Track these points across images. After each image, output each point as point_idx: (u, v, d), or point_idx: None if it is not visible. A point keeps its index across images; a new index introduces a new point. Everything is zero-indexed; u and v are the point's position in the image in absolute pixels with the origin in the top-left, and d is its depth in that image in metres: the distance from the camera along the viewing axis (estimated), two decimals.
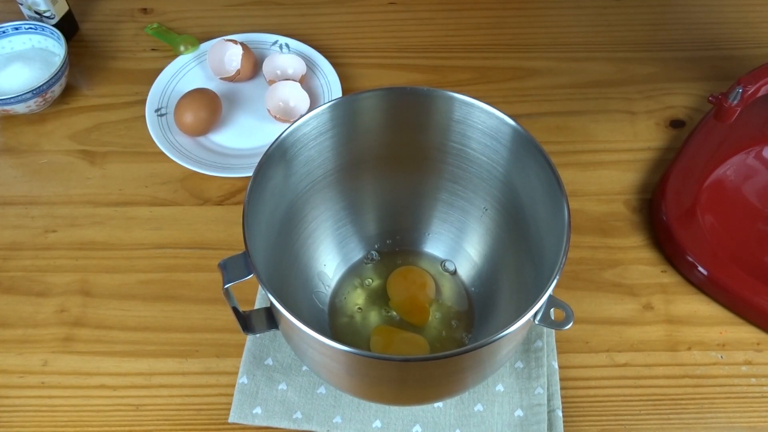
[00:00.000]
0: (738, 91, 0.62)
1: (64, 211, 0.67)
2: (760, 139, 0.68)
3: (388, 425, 0.54)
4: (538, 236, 0.50)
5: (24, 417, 0.55)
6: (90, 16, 0.85)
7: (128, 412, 0.55)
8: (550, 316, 0.45)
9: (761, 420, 0.54)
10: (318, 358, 0.46)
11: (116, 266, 0.63)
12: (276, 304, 0.41)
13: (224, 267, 0.45)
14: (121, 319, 0.60)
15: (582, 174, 0.69)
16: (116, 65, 0.80)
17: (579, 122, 0.73)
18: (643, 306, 0.60)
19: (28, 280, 0.63)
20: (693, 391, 0.56)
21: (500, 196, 0.54)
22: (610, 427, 0.54)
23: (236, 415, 0.54)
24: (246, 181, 0.68)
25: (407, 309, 0.58)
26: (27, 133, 0.74)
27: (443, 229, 0.60)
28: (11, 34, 0.77)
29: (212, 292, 0.61)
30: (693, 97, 0.75)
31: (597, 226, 0.65)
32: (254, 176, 0.47)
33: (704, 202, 0.63)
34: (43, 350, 0.59)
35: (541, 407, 0.54)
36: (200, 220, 0.66)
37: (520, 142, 0.49)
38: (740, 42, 0.80)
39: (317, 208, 0.57)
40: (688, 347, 0.58)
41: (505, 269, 0.57)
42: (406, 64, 0.79)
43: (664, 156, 0.70)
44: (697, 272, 0.60)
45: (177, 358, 0.58)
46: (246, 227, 0.44)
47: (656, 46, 0.80)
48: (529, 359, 0.56)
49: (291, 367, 0.56)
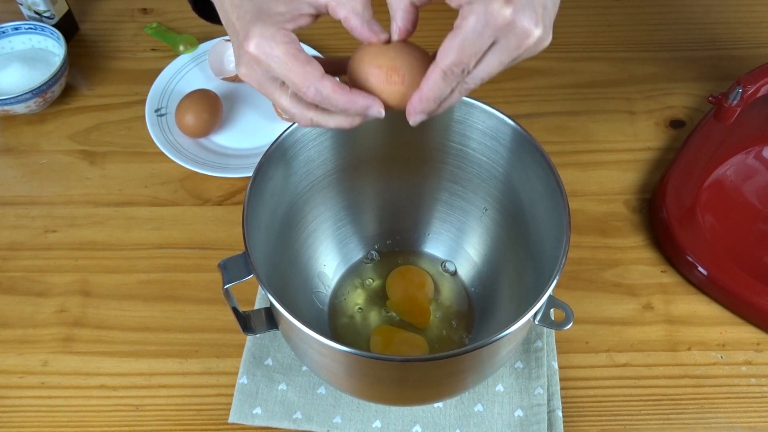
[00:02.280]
0: (738, 91, 0.62)
1: (64, 211, 0.67)
2: (760, 139, 0.68)
3: (388, 425, 0.54)
4: (538, 236, 0.50)
5: (24, 417, 0.55)
6: (90, 16, 0.85)
7: (128, 412, 0.55)
8: (550, 317, 0.45)
9: (761, 420, 0.54)
10: (318, 359, 0.46)
11: (116, 266, 0.63)
12: (276, 304, 0.41)
13: (224, 267, 0.45)
14: (121, 319, 0.60)
15: (582, 174, 0.69)
16: (116, 65, 0.80)
17: (579, 122, 0.73)
18: (643, 306, 0.60)
19: (28, 280, 0.63)
20: (693, 391, 0.56)
21: (500, 196, 0.54)
22: (610, 427, 0.54)
23: (236, 416, 0.54)
24: (246, 181, 0.68)
25: (406, 309, 0.58)
26: (27, 133, 0.74)
27: (443, 229, 0.60)
28: (11, 34, 0.77)
29: (212, 292, 0.61)
30: (693, 97, 0.75)
31: (597, 226, 0.65)
32: (254, 176, 0.47)
33: (704, 202, 0.63)
34: (43, 350, 0.59)
35: (541, 407, 0.54)
36: (200, 220, 0.66)
37: (520, 142, 0.49)
38: (740, 42, 0.80)
39: (317, 208, 0.57)
40: (688, 347, 0.58)
41: (505, 269, 0.57)
42: None
43: (664, 156, 0.70)
44: (697, 272, 0.60)
45: (177, 358, 0.58)
46: (246, 227, 0.44)
47: (656, 46, 0.80)
48: (529, 359, 0.56)
49: (291, 367, 0.56)
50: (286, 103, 0.41)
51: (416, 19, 0.43)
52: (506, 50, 0.39)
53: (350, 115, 0.41)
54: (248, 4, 0.40)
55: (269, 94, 0.41)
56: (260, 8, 0.40)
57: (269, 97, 0.42)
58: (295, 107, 0.41)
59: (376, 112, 0.40)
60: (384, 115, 0.41)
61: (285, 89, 0.41)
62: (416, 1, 0.43)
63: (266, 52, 0.39)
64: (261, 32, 0.39)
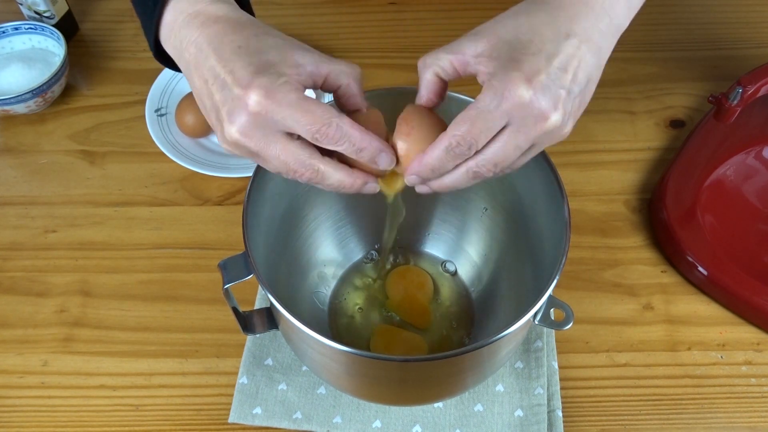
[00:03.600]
0: (738, 91, 0.62)
1: (64, 211, 0.67)
2: (760, 139, 0.68)
3: (388, 425, 0.54)
4: (538, 236, 0.50)
5: (24, 417, 0.55)
6: (90, 16, 0.85)
7: (128, 412, 0.55)
8: (550, 316, 0.45)
9: (761, 420, 0.54)
10: (318, 358, 0.46)
11: (116, 266, 0.63)
12: (276, 304, 0.41)
13: (224, 267, 0.45)
14: (121, 319, 0.60)
15: (582, 174, 0.69)
16: (116, 65, 0.80)
17: (579, 122, 0.72)
18: (643, 306, 0.60)
19: (28, 280, 0.63)
20: (693, 391, 0.56)
21: (500, 196, 0.54)
22: (610, 427, 0.54)
23: (236, 415, 0.54)
24: (246, 181, 0.68)
25: (405, 309, 0.58)
26: (27, 133, 0.74)
27: (443, 229, 0.60)
28: (11, 34, 0.77)
29: (212, 292, 0.61)
30: (693, 97, 0.75)
31: (597, 226, 0.65)
32: (254, 176, 0.47)
33: (704, 202, 0.63)
34: (43, 350, 0.59)
35: (541, 407, 0.54)
36: (200, 220, 0.66)
37: None
38: (740, 42, 0.80)
39: (317, 208, 0.57)
40: (688, 347, 0.58)
41: (505, 269, 0.57)
42: (406, 64, 0.79)
43: (664, 156, 0.70)
44: (697, 272, 0.60)
45: (177, 358, 0.58)
46: (246, 227, 0.44)
47: (656, 46, 0.80)
48: (529, 359, 0.56)
49: (291, 367, 0.56)
50: (292, 153, 0.38)
51: (441, 91, 0.42)
52: (520, 132, 0.37)
53: (355, 172, 0.40)
54: (247, 58, 0.38)
55: (268, 151, 0.38)
56: (266, 63, 0.38)
57: (265, 155, 0.39)
58: (302, 154, 0.39)
59: (385, 162, 0.40)
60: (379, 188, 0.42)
61: (290, 139, 0.38)
62: (442, 74, 0.41)
63: (278, 98, 0.37)
64: (270, 82, 0.37)
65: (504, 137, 0.38)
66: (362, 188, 0.41)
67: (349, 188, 0.41)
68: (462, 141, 0.37)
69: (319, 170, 0.39)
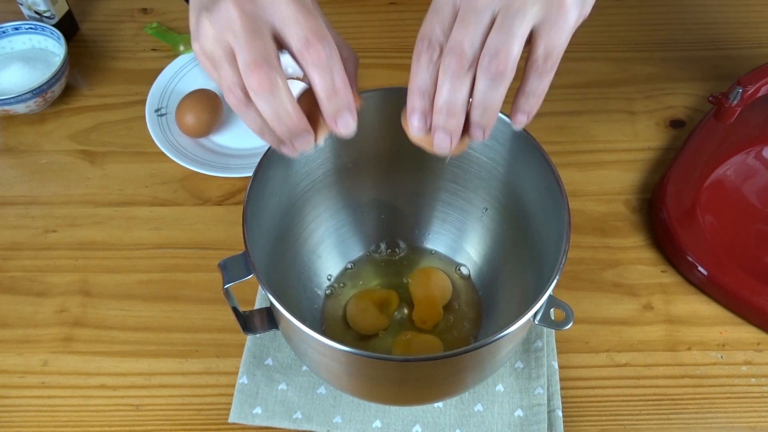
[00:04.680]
0: (738, 91, 0.62)
1: (64, 211, 0.67)
2: (760, 139, 0.68)
3: (388, 425, 0.54)
4: (538, 236, 0.50)
5: (24, 417, 0.55)
6: (90, 16, 0.85)
7: (128, 412, 0.55)
8: (550, 316, 0.45)
9: (761, 420, 0.54)
10: (318, 358, 0.46)
11: (116, 266, 0.63)
12: (276, 304, 0.41)
13: (224, 267, 0.45)
14: (121, 319, 0.60)
15: (582, 174, 0.69)
16: (116, 65, 0.80)
17: (579, 122, 0.73)
18: (643, 306, 0.60)
19: (28, 280, 0.63)
20: (693, 391, 0.56)
21: (500, 196, 0.54)
22: (610, 427, 0.54)
23: (236, 415, 0.54)
24: (246, 181, 0.68)
25: (423, 307, 0.58)
26: (27, 133, 0.74)
27: (443, 229, 0.60)
28: (11, 34, 0.77)
29: (212, 292, 0.61)
30: (693, 97, 0.75)
31: (597, 226, 0.65)
32: (254, 176, 0.47)
33: (704, 202, 0.63)
34: (43, 350, 0.59)
35: (541, 407, 0.54)
36: (200, 220, 0.66)
37: (520, 142, 0.49)
38: (740, 42, 0.80)
39: (317, 208, 0.57)
40: (688, 347, 0.58)
41: (505, 269, 0.57)
42: (406, 64, 0.78)
43: (664, 156, 0.70)
44: (697, 272, 0.60)
45: (177, 358, 0.58)
46: (246, 227, 0.44)
47: (656, 46, 0.80)
48: (529, 359, 0.56)
49: (291, 367, 0.56)
50: (263, 50, 0.33)
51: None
52: (508, 18, 0.32)
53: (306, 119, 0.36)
54: None
55: (255, 48, 0.33)
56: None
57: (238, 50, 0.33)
58: (272, 54, 0.33)
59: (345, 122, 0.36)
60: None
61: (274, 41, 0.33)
62: None
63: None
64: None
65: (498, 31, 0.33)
66: (297, 136, 0.36)
67: (287, 127, 0.35)
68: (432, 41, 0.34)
69: (277, 84, 0.34)
